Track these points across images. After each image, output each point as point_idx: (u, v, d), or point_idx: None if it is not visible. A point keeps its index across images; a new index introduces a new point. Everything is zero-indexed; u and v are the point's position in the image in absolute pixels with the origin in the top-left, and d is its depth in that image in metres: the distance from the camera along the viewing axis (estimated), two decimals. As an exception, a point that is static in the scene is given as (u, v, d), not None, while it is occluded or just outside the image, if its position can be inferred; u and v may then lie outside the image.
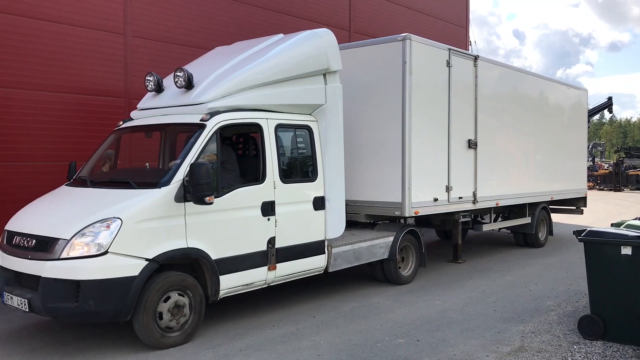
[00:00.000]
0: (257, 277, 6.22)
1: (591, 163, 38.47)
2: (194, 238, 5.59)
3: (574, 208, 13.22)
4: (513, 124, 10.73)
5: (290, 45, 6.84)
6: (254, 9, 11.86)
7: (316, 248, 6.89)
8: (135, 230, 5.21)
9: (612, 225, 6.74)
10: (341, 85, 7.23)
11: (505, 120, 10.48)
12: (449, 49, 8.90)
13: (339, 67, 7.20)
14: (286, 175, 6.58)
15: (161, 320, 5.41)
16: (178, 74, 6.30)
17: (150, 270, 5.27)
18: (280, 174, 6.45)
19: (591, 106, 30.77)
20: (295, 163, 6.90)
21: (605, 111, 37.50)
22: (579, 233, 5.90)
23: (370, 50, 8.46)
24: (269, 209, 6.28)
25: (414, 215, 8.15)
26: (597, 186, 34.12)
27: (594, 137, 72.77)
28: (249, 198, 6.13)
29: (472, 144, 9.40)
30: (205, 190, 5.44)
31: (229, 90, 6.20)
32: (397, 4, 15.77)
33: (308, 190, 6.81)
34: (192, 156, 5.65)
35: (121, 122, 6.94)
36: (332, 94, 7.10)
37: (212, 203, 5.58)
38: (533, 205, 11.47)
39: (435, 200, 8.58)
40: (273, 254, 6.32)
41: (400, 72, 8.01)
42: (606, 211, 19.69)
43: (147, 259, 5.24)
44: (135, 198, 5.41)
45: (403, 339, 5.81)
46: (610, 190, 32.77)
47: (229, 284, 5.92)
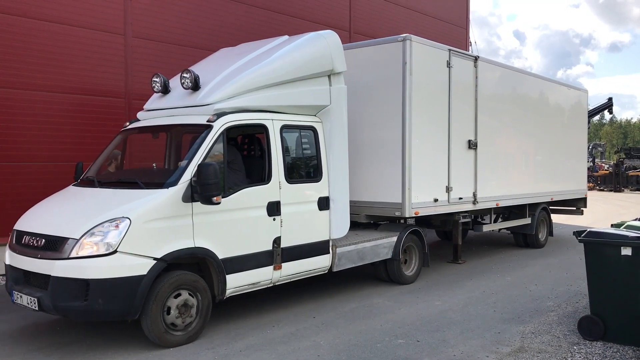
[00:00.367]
0: (263, 277, 6.30)
1: (591, 164, 38.44)
2: (201, 237, 5.66)
3: (574, 209, 13.24)
4: (513, 124, 10.77)
5: (295, 47, 6.91)
6: (253, 9, 11.89)
7: (321, 248, 6.96)
8: (143, 229, 5.28)
9: (612, 226, 6.75)
10: (346, 86, 7.30)
11: (506, 120, 10.52)
12: (449, 50, 8.93)
13: (344, 69, 7.27)
14: (291, 175, 6.65)
15: (168, 315, 5.47)
16: (185, 75, 6.36)
17: (159, 270, 5.34)
18: (286, 174, 6.53)
19: (591, 107, 30.80)
20: (300, 164, 6.97)
21: (606, 112, 37.49)
22: (579, 234, 5.90)
23: (371, 51, 8.49)
24: (274, 209, 6.35)
25: (414, 215, 8.18)
26: (597, 187, 34.17)
27: (594, 138, 72.73)
28: (255, 198, 6.21)
29: (472, 145, 9.45)
30: (213, 190, 5.51)
31: (235, 91, 6.27)
32: (397, 5, 15.78)
33: (313, 191, 6.88)
34: (200, 157, 5.72)
35: (128, 123, 7.00)
36: (337, 95, 7.17)
37: (220, 203, 5.65)
38: (533, 206, 11.51)
39: (436, 200, 8.62)
40: (278, 254, 6.39)
41: (401, 73, 8.04)
42: (606, 212, 19.74)
43: (155, 259, 5.31)
44: (143, 198, 5.48)
45: (403, 339, 5.83)
46: (611, 191, 32.82)
47: (236, 283, 5.99)
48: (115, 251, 5.14)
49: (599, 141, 62.44)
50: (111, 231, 5.19)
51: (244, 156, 6.94)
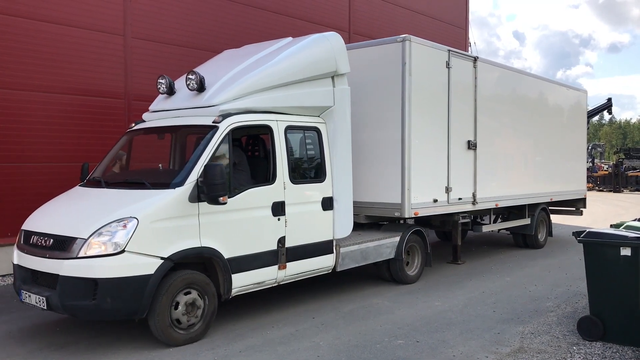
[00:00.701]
0: (268, 276, 6.37)
1: (591, 164, 38.48)
2: (208, 237, 5.73)
3: (574, 209, 13.27)
4: (512, 125, 10.80)
5: (299, 49, 6.97)
6: (252, 10, 11.91)
7: (325, 248, 7.03)
8: (151, 229, 5.35)
9: (612, 226, 6.75)
10: (349, 87, 7.36)
11: (505, 121, 10.55)
12: (449, 50, 8.96)
13: (347, 70, 7.33)
14: (296, 176, 6.72)
15: (175, 310, 5.54)
16: (190, 76, 6.43)
17: (166, 269, 5.41)
18: (290, 174, 6.59)
19: (591, 107, 30.87)
20: (304, 164, 7.04)
21: (605, 112, 37.53)
22: (578, 234, 5.91)
23: (370, 52, 8.51)
24: (279, 209, 6.42)
25: (413, 216, 8.19)
26: (597, 187, 34.19)
27: (594, 138, 72.72)
28: (260, 198, 6.28)
29: (472, 145, 9.47)
30: (219, 190, 5.59)
31: (240, 92, 6.34)
32: (397, 5, 15.81)
33: (317, 191, 6.95)
34: (206, 157, 5.79)
35: (133, 124, 7.07)
36: (340, 96, 7.24)
37: (226, 203, 5.73)
38: (532, 207, 11.54)
39: (435, 201, 8.63)
40: (283, 253, 6.46)
41: (400, 73, 8.07)
42: (605, 212, 19.77)
43: (163, 258, 5.38)
44: (150, 198, 5.55)
45: (402, 340, 5.84)
46: (610, 191, 32.84)
47: (241, 282, 6.06)
48: (123, 251, 5.21)
49: (598, 141, 62.45)
50: (119, 231, 5.26)
51: (249, 157, 7.02)
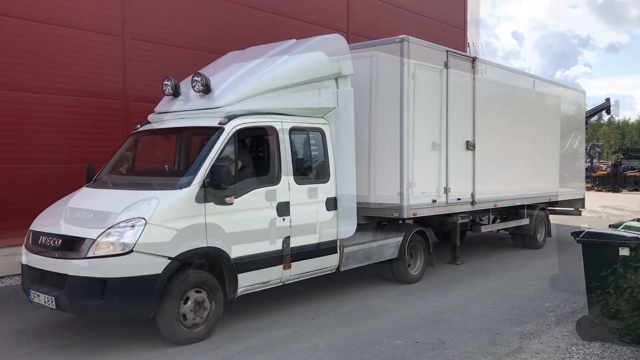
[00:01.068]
0: (273, 276, 6.45)
1: (589, 164, 38.56)
2: (214, 237, 5.80)
3: (572, 209, 13.31)
4: (511, 125, 10.82)
5: (303, 51, 7.06)
6: (251, 11, 11.94)
7: (329, 248, 7.10)
8: (158, 229, 5.42)
9: (610, 226, 6.86)
10: (352, 89, 7.41)
11: (503, 121, 10.57)
12: (447, 51, 9.00)
13: (350, 72, 7.40)
14: (300, 176, 6.79)
15: (185, 305, 5.62)
16: (196, 78, 6.49)
17: (173, 269, 5.48)
18: (295, 175, 6.67)
19: (589, 107, 30.96)
20: (309, 165, 7.09)
21: (604, 112, 37.62)
22: (577, 234, 6.01)
23: (369, 52, 8.51)
24: (284, 209, 6.50)
25: (412, 217, 8.22)
26: (596, 187, 34.24)
27: (592, 138, 72.76)
28: (265, 199, 6.35)
29: (470, 146, 9.50)
30: (225, 191, 5.68)
31: (246, 94, 6.42)
32: (395, 6, 15.82)
33: (321, 191, 7.01)
34: (212, 158, 5.87)
35: (139, 126, 7.13)
36: (344, 98, 7.31)
37: (232, 203, 5.82)
38: (531, 207, 11.56)
39: (434, 201, 8.67)
40: (288, 253, 6.54)
41: (398, 74, 8.13)
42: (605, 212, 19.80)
43: (170, 258, 5.46)
44: (157, 199, 5.61)
45: (402, 340, 5.86)
46: (609, 191, 32.88)
47: (247, 282, 6.14)
48: (131, 251, 5.28)
49: (597, 142, 62.52)
50: (127, 231, 5.34)
51: (254, 158, 7.09)
